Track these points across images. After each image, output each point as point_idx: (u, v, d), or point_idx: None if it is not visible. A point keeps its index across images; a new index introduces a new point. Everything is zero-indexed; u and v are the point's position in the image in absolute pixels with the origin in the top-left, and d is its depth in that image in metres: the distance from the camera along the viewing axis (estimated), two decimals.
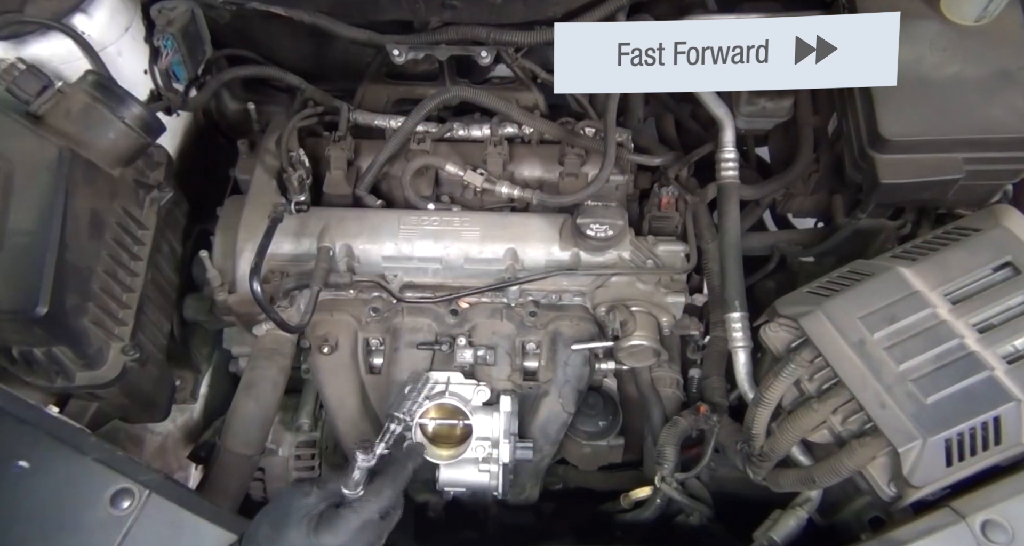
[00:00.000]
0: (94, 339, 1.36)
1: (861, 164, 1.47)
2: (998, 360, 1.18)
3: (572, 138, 1.66)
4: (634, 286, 1.58)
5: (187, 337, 1.81)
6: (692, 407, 1.51)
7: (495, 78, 1.94)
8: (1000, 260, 1.26)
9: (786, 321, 1.33)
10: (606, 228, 1.51)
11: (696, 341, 1.65)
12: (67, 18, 1.44)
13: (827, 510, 1.40)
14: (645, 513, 1.53)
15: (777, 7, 1.56)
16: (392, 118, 1.71)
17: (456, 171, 1.63)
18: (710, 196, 1.65)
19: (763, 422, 1.33)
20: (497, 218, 1.61)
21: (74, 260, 1.29)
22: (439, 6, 1.59)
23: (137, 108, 1.42)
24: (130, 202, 1.49)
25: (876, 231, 1.68)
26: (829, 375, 1.27)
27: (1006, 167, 1.44)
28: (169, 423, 1.77)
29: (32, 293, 1.21)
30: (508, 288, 1.54)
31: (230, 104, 1.93)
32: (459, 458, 1.44)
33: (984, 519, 1.12)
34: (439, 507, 1.66)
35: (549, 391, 1.54)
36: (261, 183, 1.62)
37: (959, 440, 1.15)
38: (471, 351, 1.53)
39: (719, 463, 1.52)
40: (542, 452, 1.55)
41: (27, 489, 1.12)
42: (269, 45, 1.85)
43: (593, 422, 1.59)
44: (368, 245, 1.57)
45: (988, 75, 1.41)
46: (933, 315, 1.23)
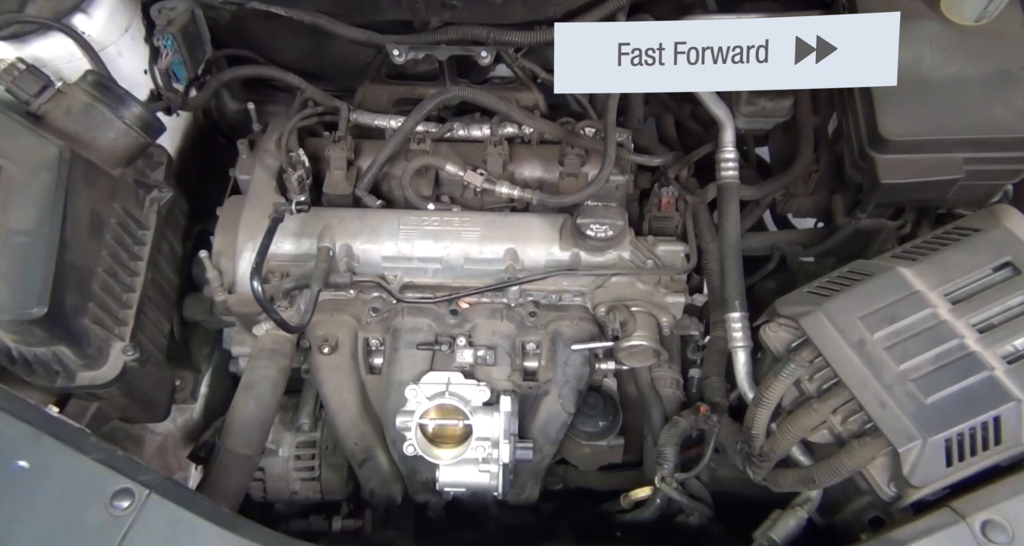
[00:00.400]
0: (94, 339, 1.36)
1: (861, 164, 1.47)
2: (998, 360, 1.18)
3: (572, 138, 1.66)
4: (634, 286, 1.58)
5: (187, 337, 1.81)
6: (692, 407, 1.51)
7: (495, 78, 1.94)
8: (1000, 260, 1.26)
9: (786, 321, 1.33)
10: (606, 228, 1.51)
11: (696, 341, 1.65)
12: (67, 18, 1.44)
13: (827, 510, 1.40)
14: (645, 513, 1.53)
15: (777, 7, 1.56)
16: (392, 118, 1.71)
17: (456, 171, 1.63)
18: (710, 196, 1.65)
19: (763, 422, 1.33)
20: (497, 218, 1.61)
21: (74, 260, 1.29)
22: (439, 6, 1.59)
23: (137, 108, 1.42)
24: (130, 202, 1.49)
25: (876, 231, 1.68)
26: (829, 375, 1.27)
27: (1006, 167, 1.43)
28: (169, 423, 1.77)
29: (32, 293, 1.21)
30: (508, 288, 1.54)
31: (230, 104, 1.93)
32: (459, 458, 1.44)
33: (984, 519, 1.11)
34: (439, 507, 1.66)
35: (549, 391, 1.54)
36: (261, 183, 1.62)
37: (959, 440, 1.16)
38: (471, 351, 1.53)
39: (719, 463, 1.52)
40: (542, 452, 1.55)
41: (27, 489, 1.12)
42: (269, 45, 1.85)
43: (593, 422, 1.59)
44: (368, 245, 1.57)
45: (988, 75, 1.41)
46: (933, 315, 1.23)
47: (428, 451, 1.45)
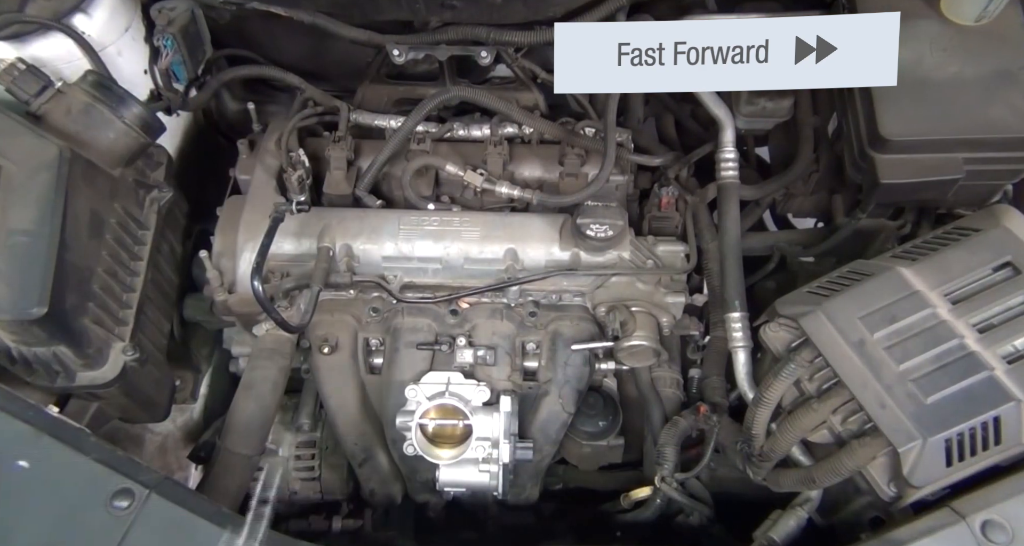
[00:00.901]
0: (94, 339, 1.36)
1: (861, 164, 1.47)
2: (998, 360, 1.18)
3: (572, 138, 1.66)
4: (634, 286, 1.58)
5: (187, 337, 1.81)
6: (692, 407, 1.52)
7: (495, 78, 1.94)
8: (1000, 260, 1.26)
9: (786, 321, 1.33)
10: (606, 228, 1.51)
11: (696, 341, 1.65)
12: (67, 18, 1.44)
13: (827, 510, 1.40)
14: (645, 513, 1.53)
15: (777, 7, 1.56)
16: (392, 118, 1.71)
17: (456, 171, 1.63)
18: (710, 196, 1.65)
19: (763, 422, 1.33)
20: (497, 218, 1.61)
21: (74, 260, 1.29)
22: (439, 6, 1.59)
23: (137, 108, 1.42)
24: (130, 202, 1.49)
25: (876, 231, 1.68)
26: (829, 375, 1.27)
27: (1006, 167, 1.43)
28: (169, 423, 1.77)
29: (32, 293, 1.21)
30: (508, 288, 1.54)
31: (230, 104, 1.93)
32: (459, 458, 1.44)
33: (984, 519, 1.12)
34: (439, 507, 1.66)
35: (549, 391, 1.54)
36: (261, 183, 1.62)
37: (959, 440, 1.16)
38: (471, 351, 1.53)
39: (719, 463, 1.52)
40: (542, 452, 1.55)
41: (27, 489, 1.11)
42: (269, 45, 1.85)
43: (593, 422, 1.59)
44: (368, 245, 1.57)
45: (988, 75, 1.41)
46: (933, 315, 1.23)
47: (428, 451, 1.45)
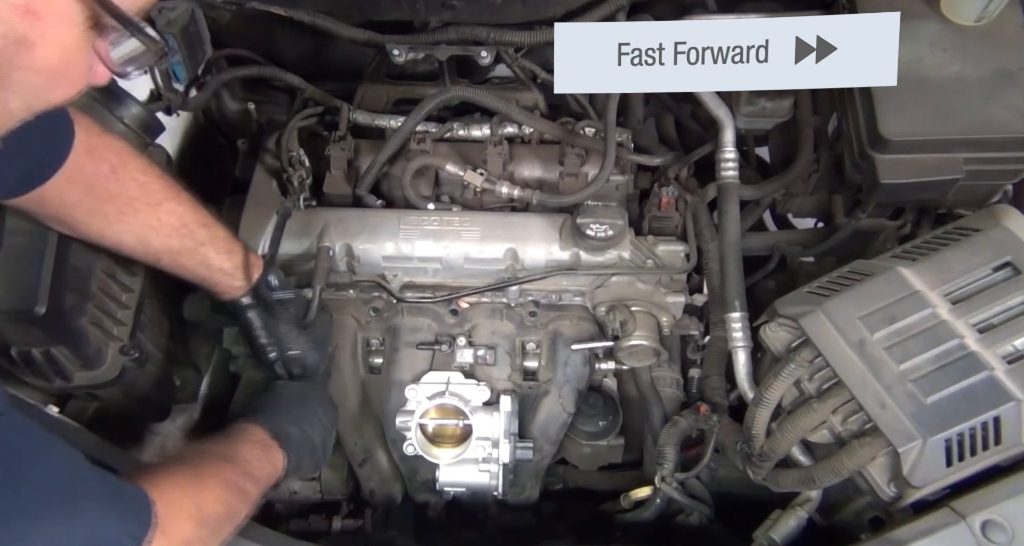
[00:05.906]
0: (93, 339, 1.35)
1: (861, 164, 1.47)
2: (998, 360, 1.18)
3: (572, 138, 1.66)
4: (634, 286, 1.58)
5: (187, 337, 1.80)
6: (692, 407, 1.51)
7: (495, 78, 1.94)
8: (1000, 260, 1.26)
9: (786, 321, 1.33)
10: (606, 228, 1.51)
11: (696, 341, 1.64)
12: None
13: (827, 510, 1.40)
14: (645, 513, 1.53)
15: (777, 7, 1.56)
16: (392, 118, 1.71)
17: (456, 171, 1.63)
18: (710, 196, 1.65)
19: (763, 422, 1.33)
20: (497, 218, 1.61)
21: (73, 260, 1.29)
22: (439, 6, 1.59)
23: (137, 108, 1.42)
24: None
25: (876, 231, 1.68)
26: (829, 375, 1.27)
27: (1006, 167, 1.43)
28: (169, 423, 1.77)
29: (31, 293, 1.20)
30: (508, 288, 1.54)
31: (230, 104, 1.93)
32: (459, 458, 1.44)
33: (984, 519, 1.12)
34: (439, 507, 1.66)
35: (549, 391, 1.54)
36: (261, 183, 1.62)
37: (959, 440, 1.15)
38: (471, 351, 1.53)
39: (719, 463, 1.51)
40: (542, 452, 1.55)
41: None
42: (269, 45, 1.84)
43: (593, 422, 1.59)
44: (368, 245, 1.57)
45: (988, 75, 1.41)
46: (933, 315, 1.23)
47: (428, 451, 1.45)
